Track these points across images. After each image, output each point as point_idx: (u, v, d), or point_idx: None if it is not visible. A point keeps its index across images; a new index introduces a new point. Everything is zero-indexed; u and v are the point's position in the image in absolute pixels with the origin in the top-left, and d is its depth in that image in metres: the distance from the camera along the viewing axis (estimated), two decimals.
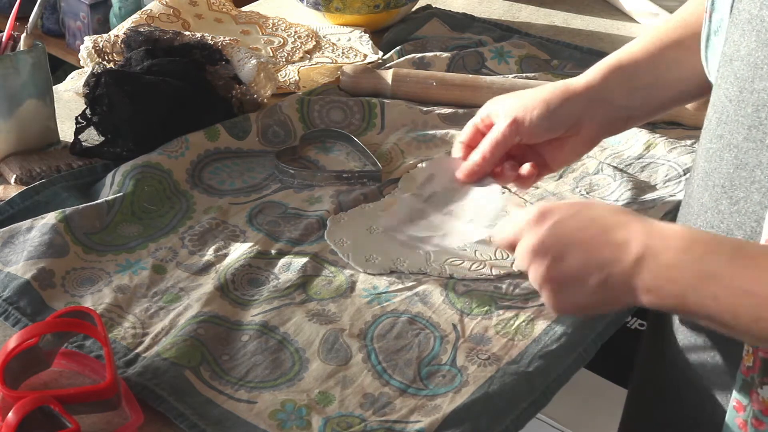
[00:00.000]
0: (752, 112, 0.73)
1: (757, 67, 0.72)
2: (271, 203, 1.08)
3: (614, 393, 1.50)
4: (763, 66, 0.72)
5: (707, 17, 0.81)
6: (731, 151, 0.76)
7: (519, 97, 0.96)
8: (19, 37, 1.10)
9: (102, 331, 0.81)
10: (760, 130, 0.73)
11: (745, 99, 0.73)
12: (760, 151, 0.73)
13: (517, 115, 0.93)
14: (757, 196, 0.74)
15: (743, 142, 0.74)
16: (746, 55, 0.73)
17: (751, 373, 0.75)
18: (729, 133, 0.76)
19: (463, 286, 0.97)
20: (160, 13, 1.38)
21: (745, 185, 0.74)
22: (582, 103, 0.95)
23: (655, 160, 1.16)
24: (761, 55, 0.72)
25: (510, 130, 0.94)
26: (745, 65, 0.73)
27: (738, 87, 0.74)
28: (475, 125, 0.97)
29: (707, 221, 0.80)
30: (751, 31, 0.72)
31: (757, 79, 0.72)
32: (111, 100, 1.09)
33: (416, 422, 0.81)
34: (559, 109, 0.94)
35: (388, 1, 1.46)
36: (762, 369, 0.74)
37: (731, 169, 0.76)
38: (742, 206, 0.76)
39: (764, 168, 0.73)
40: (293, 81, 1.31)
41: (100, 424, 0.80)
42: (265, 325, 0.91)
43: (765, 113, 0.72)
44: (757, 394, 0.75)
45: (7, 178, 1.10)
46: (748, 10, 0.73)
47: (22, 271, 0.93)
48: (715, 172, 0.78)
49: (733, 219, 0.77)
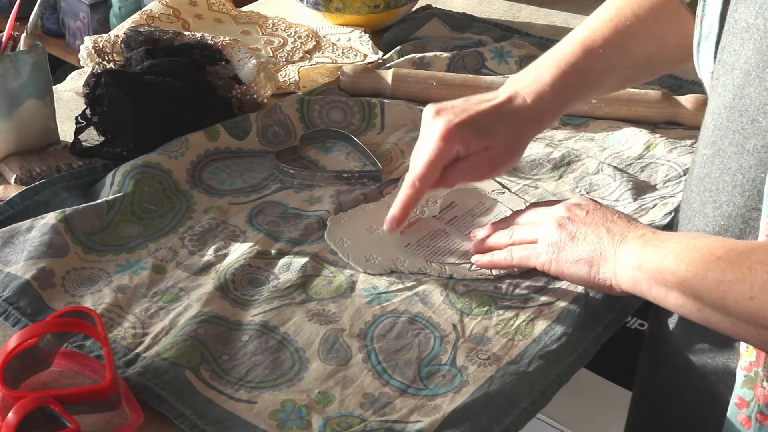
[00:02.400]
0: (738, 117, 0.74)
1: (748, 74, 0.73)
2: (271, 203, 1.08)
3: (614, 393, 1.50)
4: (752, 72, 0.72)
5: (698, 22, 0.81)
6: (719, 156, 0.76)
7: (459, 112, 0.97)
8: (19, 37, 1.10)
9: (102, 331, 0.81)
10: (742, 134, 0.73)
11: (736, 105, 0.74)
12: (741, 155, 0.74)
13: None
14: (740, 200, 0.74)
15: (728, 146, 0.75)
16: (743, 63, 0.73)
17: (754, 368, 0.75)
18: (720, 139, 0.76)
19: (463, 286, 0.97)
20: (160, 13, 1.38)
21: (728, 189, 0.75)
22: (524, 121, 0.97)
23: (655, 160, 1.16)
24: (753, 62, 0.72)
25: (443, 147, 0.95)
26: (741, 73, 0.74)
27: (732, 94, 0.75)
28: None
29: (695, 226, 0.81)
30: (749, 39, 0.73)
31: (746, 85, 0.73)
32: (111, 100, 1.09)
33: (416, 422, 0.81)
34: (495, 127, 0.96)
35: (388, 1, 1.46)
36: (767, 362, 0.74)
37: (717, 174, 0.77)
38: (725, 210, 0.77)
39: (745, 172, 0.73)
40: (293, 81, 1.31)
41: (100, 424, 0.80)
42: (265, 325, 0.91)
43: (747, 118, 0.73)
44: (763, 388, 0.75)
45: (7, 178, 1.10)
46: (744, 19, 0.73)
47: (22, 271, 0.93)
48: (707, 177, 0.79)
49: (718, 222, 0.78)
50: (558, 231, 0.89)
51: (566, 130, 1.24)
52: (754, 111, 0.72)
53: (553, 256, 0.89)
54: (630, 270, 0.81)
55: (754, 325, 0.70)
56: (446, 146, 0.94)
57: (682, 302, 0.76)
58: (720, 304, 0.72)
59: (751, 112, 0.73)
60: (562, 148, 1.18)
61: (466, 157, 0.95)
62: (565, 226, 0.89)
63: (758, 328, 0.70)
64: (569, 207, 0.90)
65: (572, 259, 0.88)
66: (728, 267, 0.71)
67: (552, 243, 0.89)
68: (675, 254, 0.76)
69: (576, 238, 0.88)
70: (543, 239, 0.91)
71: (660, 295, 0.78)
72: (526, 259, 0.93)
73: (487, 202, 1.09)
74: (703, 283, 0.73)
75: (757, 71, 0.72)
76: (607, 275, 0.85)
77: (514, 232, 0.95)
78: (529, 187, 1.12)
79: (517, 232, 0.95)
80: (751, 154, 0.73)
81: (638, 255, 0.81)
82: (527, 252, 0.92)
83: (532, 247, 0.92)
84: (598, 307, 0.94)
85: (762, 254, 0.70)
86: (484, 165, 0.97)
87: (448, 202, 1.08)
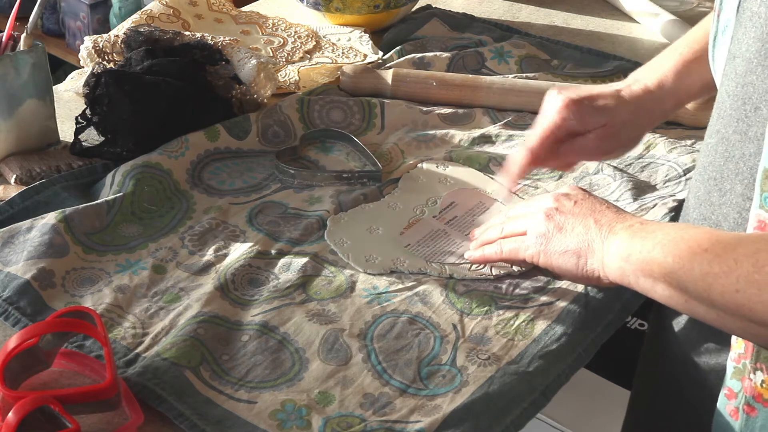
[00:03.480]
0: (741, 105, 0.74)
1: (750, 61, 0.73)
2: (271, 203, 1.08)
3: (614, 393, 1.50)
4: (754, 60, 0.72)
5: (715, 16, 0.81)
6: (723, 144, 0.76)
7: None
8: (19, 37, 1.10)
9: (102, 331, 0.81)
10: (744, 122, 0.73)
11: (739, 93, 0.74)
12: (744, 143, 0.74)
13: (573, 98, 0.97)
14: (740, 188, 0.75)
15: (732, 134, 0.75)
16: (746, 51, 0.74)
17: (743, 360, 0.75)
18: (723, 127, 0.77)
19: (463, 286, 0.97)
20: (160, 13, 1.38)
21: (731, 177, 0.76)
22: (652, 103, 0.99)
23: (655, 160, 1.16)
24: (754, 49, 0.72)
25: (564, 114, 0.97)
26: (744, 61, 0.74)
27: (736, 82, 0.75)
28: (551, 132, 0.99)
29: (701, 214, 0.81)
30: (752, 27, 0.73)
31: (749, 73, 0.73)
32: (111, 100, 1.09)
33: (416, 422, 0.81)
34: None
35: (388, 1, 1.46)
36: (754, 354, 0.74)
37: (722, 162, 0.77)
38: (728, 198, 0.77)
39: (747, 159, 0.74)
40: (293, 81, 1.31)
41: (100, 424, 0.80)
42: (265, 325, 0.91)
43: (750, 105, 0.73)
44: (750, 380, 0.75)
45: (7, 178, 1.10)
46: (751, 8, 0.74)
47: (22, 271, 0.93)
48: (710, 165, 0.79)
49: (721, 210, 0.78)
50: (546, 222, 0.89)
51: None
52: (757, 99, 0.72)
53: (542, 248, 0.89)
54: (618, 261, 0.81)
55: (739, 318, 0.70)
56: (561, 120, 0.96)
57: (668, 294, 0.76)
58: (706, 296, 0.72)
59: (754, 99, 0.73)
60: None
61: (584, 135, 0.97)
62: (553, 216, 0.89)
63: (744, 320, 0.70)
64: (557, 197, 0.91)
65: (560, 250, 0.88)
66: (714, 260, 0.71)
67: (540, 234, 0.90)
68: (662, 246, 0.76)
69: (564, 230, 0.88)
70: (531, 231, 0.91)
71: (647, 286, 0.78)
72: (515, 252, 0.93)
73: (487, 202, 1.09)
74: (689, 275, 0.73)
75: (758, 59, 0.72)
76: (595, 266, 0.85)
77: (505, 225, 0.95)
78: (529, 187, 1.12)
79: (508, 225, 0.95)
80: (752, 142, 0.73)
81: (626, 246, 0.81)
82: (516, 244, 0.93)
83: (521, 239, 0.92)
84: (598, 307, 0.94)
85: (748, 247, 0.70)
86: (600, 144, 0.98)
87: (448, 202, 1.08)
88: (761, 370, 0.74)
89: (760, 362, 0.74)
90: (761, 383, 0.75)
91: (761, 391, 0.75)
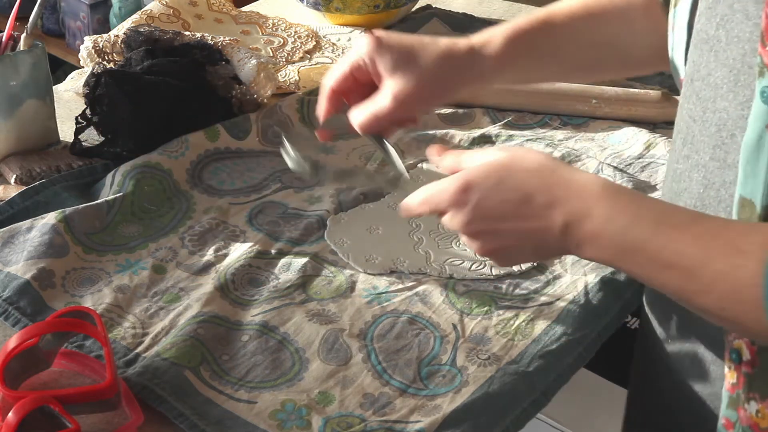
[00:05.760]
0: (715, 131, 0.73)
1: (717, 87, 0.72)
2: (271, 203, 1.08)
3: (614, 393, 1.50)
4: (723, 86, 0.72)
5: (671, 30, 0.81)
6: (699, 171, 0.76)
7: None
8: (19, 37, 1.10)
9: (102, 331, 0.81)
10: (722, 149, 0.73)
11: (709, 119, 0.74)
12: (724, 170, 0.73)
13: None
14: (724, 215, 0.74)
15: (709, 161, 0.75)
16: (706, 75, 0.73)
17: (736, 390, 0.75)
18: (696, 153, 0.76)
19: (463, 286, 0.97)
20: (160, 13, 1.38)
21: (713, 204, 0.75)
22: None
23: (655, 160, 1.16)
24: (720, 75, 0.72)
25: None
26: (706, 85, 0.73)
27: (701, 107, 0.75)
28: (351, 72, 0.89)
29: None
30: (709, 51, 0.73)
31: (719, 99, 0.72)
32: (111, 100, 1.09)
33: (416, 422, 0.81)
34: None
35: (388, 1, 1.46)
36: (746, 384, 0.74)
37: (701, 189, 0.76)
38: None
39: (728, 187, 0.73)
40: (293, 81, 1.31)
41: (100, 424, 0.80)
42: (265, 325, 0.91)
43: (726, 132, 0.72)
44: (745, 410, 0.75)
45: (7, 178, 1.10)
46: (705, 30, 0.73)
47: (22, 271, 0.93)
48: (685, 192, 0.78)
49: None
50: (475, 245, 0.78)
51: (566, 130, 1.24)
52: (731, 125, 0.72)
53: (496, 263, 0.83)
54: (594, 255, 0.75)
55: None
56: (364, 54, 0.87)
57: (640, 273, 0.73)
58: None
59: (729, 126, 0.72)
60: (563, 148, 1.18)
61: (392, 78, 0.86)
62: (478, 241, 0.77)
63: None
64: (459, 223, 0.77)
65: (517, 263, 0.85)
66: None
67: (482, 254, 0.80)
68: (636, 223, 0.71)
69: (500, 253, 0.78)
70: (472, 248, 0.80)
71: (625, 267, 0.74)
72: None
73: None
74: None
75: (728, 85, 0.72)
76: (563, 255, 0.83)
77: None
78: None
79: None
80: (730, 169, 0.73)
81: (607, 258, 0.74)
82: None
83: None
84: (598, 307, 0.94)
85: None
86: (408, 92, 0.86)
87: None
88: (755, 400, 0.74)
89: (752, 392, 0.74)
90: (756, 413, 0.74)
91: (757, 420, 0.75)
